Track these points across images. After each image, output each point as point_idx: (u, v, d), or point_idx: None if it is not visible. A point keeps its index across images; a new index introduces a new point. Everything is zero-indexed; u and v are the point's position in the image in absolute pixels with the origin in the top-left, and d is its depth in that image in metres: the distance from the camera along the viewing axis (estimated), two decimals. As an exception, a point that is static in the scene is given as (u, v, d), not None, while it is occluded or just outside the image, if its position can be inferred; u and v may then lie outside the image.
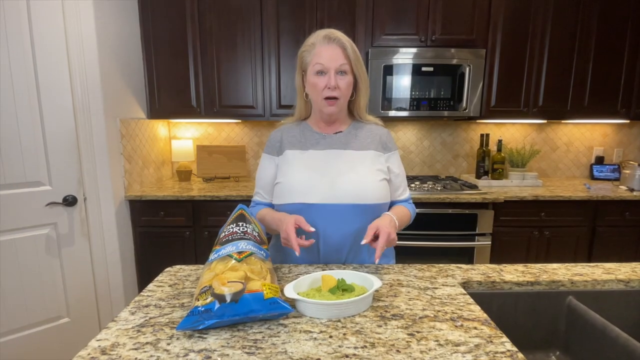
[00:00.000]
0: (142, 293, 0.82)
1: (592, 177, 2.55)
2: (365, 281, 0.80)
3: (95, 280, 1.88)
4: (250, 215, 0.87)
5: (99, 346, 0.62)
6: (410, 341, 0.64)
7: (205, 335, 0.65)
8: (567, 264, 1.00)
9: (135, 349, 0.61)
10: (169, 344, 0.62)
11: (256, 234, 0.82)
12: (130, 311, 0.74)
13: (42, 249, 1.68)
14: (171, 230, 2.04)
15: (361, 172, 0.97)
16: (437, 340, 0.64)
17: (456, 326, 0.69)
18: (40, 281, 1.68)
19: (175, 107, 2.19)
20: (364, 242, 0.85)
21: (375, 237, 0.87)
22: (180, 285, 0.86)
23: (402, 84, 2.12)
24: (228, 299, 0.65)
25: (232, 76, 2.17)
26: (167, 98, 2.18)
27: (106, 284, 1.92)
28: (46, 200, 1.67)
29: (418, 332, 0.67)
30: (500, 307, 0.90)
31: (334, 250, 0.99)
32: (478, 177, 2.35)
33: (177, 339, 0.64)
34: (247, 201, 1.10)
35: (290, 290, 0.72)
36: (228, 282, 0.67)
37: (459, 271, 0.94)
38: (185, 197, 1.99)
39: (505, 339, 0.65)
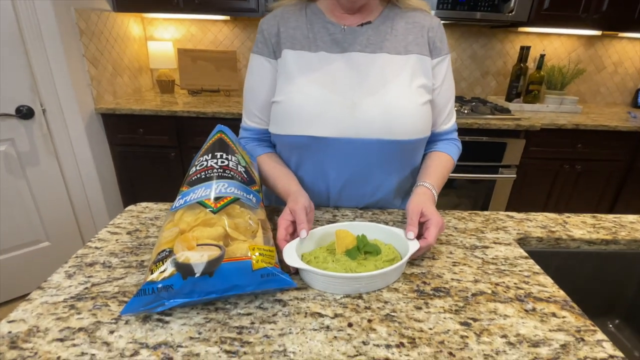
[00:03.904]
0: (88, 244, 0.60)
1: (636, 105, 2.23)
2: (393, 237, 0.58)
3: (73, 202, 1.69)
4: (235, 142, 0.61)
5: (9, 333, 0.42)
6: (467, 336, 0.44)
7: (167, 318, 0.45)
8: (646, 216, 0.78)
9: (61, 341, 0.41)
10: (111, 332, 0.42)
11: (242, 169, 0.57)
12: (66, 272, 0.53)
13: (1, 168, 1.44)
14: (154, 151, 1.78)
15: (397, 91, 0.65)
16: (504, 336, 0.44)
17: (526, 310, 0.48)
18: (6, 203, 1.48)
19: (147, -3, 1.74)
20: (411, 236, 0.55)
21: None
22: (143, 232, 0.64)
23: (435, -27, 1.64)
24: (198, 272, 0.43)
25: (216, -46, 1.67)
26: (135, -17, 1.70)
27: (85, 206, 1.74)
28: (-7, 110, 1.37)
29: (475, 319, 0.46)
30: (559, 268, 0.70)
31: (349, 201, 0.75)
32: (509, 99, 2.02)
33: (126, 322, 0.44)
34: (238, 120, 0.82)
35: (292, 255, 0.50)
36: (198, 245, 0.45)
37: (510, 222, 0.72)
38: (166, 112, 1.68)
39: (600, 334, 0.45)
